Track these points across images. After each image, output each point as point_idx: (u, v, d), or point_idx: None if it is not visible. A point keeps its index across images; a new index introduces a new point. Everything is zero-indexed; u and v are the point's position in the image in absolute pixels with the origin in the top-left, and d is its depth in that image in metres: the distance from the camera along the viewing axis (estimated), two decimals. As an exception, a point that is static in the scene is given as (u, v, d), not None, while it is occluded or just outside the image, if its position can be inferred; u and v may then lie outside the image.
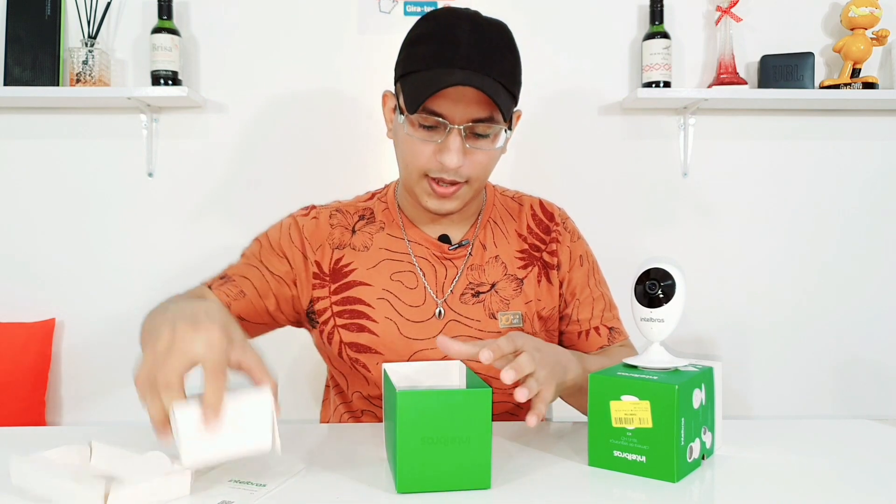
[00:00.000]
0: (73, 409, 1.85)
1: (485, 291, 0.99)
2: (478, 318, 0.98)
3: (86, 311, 1.84)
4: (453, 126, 0.88)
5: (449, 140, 0.88)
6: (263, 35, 1.84)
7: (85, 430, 0.80)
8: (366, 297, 0.98)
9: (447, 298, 0.98)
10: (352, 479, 0.67)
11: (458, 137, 0.88)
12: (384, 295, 0.98)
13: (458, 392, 0.63)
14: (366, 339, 0.97)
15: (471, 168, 0.91)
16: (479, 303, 0.98)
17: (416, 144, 0.91)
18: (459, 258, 1.01)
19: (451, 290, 0.99)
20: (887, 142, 1.89)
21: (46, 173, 1.83)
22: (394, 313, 0.97)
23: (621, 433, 0.68)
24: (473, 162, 0.91)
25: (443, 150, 0.89)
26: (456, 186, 0.92)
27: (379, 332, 0.97)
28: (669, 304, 0.71)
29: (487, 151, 0.92)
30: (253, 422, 0.61)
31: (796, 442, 0.79)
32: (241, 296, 0.98)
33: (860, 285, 1.91)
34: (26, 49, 1.74)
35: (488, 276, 1.00)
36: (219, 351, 0.63)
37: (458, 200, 0.94)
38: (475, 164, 0.91)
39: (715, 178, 1.89)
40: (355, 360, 0.97)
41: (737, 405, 1.90)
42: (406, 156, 0.93)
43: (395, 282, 0.98)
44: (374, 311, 0.97)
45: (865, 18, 1.76)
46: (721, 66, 1.80)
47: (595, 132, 1.88)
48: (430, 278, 0.99)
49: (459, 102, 0.87)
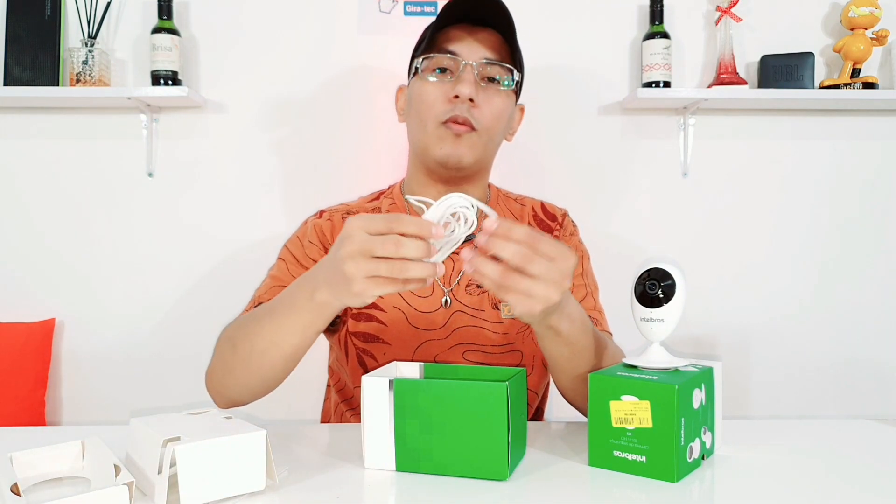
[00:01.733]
0: (73, 409, 1.85)
1: None
2: (482, 307, 0.99)
3: (86, 311, 1.84)
4: (467, 61, 0.95)
5: (463, 73, 0.95)
6: (263, 35, 1.84)
7: (85, 430, 0.80)
8: None
9: (453, 289, 1.00)
10: (352, 479, 0.67)
11: (471, 71, 0.95)
12: None
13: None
14: (374, 329, 0.98)
15: (482, 114, 0.96)
16: (483, 293, 1.00)
17: (430, 91, 0.96)
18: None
19: (457, 280, 1.00)
20: (887, 142, 1.89)
21: (46, 173, 1.83)
22: (402, 303, 0.98)
23: (621, 433, 0.68)
24: (485, 107, 0.96)
25: (457, 83, 0.95)
26: (468, 126, 0.95)
27: (387, 321, 0.98)
28: (669, 304, 0.71)
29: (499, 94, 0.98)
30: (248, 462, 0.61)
31: (796, 442, 0.79)
32: None
33: (860, 285, 1.91)
34: (26, 49, 1.74)
35: None
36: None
37: (469, 149, 0.96)
38: (485, 111, 0.96)
39: (715, 178, 1.89)
40: (363, 349, 0.98)
41: (737, 405, 1.90)
42: (421, 109, 0.97)
43: None
44: (382, 300, 0.98)
45: (865, 18, 1.76)
46: (721, 66, 1.80)
47: (595, 132, 1.88)
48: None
49: (472, 42, 0.95)
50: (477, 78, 0.95)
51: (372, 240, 0.64)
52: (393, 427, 0.68)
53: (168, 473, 0.58)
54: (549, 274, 0.65)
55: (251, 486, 0.62)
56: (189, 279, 1.85)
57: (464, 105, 0.94)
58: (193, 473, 0.58)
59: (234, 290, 1.84)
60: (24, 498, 0.56)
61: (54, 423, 1.82)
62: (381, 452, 0.68)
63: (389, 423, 0.68)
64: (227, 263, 1.85)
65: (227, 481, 0.60)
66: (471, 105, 0.95)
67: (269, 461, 0.64)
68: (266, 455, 0.62)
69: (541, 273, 0.65)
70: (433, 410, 0.66)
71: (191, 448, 0.58)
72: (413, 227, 0.64)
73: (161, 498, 0.58)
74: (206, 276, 1.85)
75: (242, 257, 1.85)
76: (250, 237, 1.86)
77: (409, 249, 0.63)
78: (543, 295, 0.65)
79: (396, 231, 0.64)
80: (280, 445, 0.78)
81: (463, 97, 0.93)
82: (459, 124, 0.95)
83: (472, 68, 0.95)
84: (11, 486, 0.58)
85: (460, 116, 0.94)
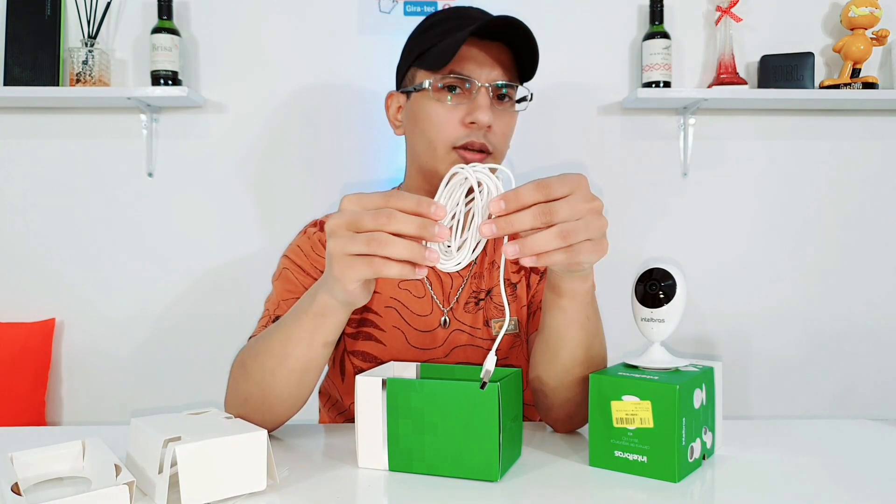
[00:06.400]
0: (73, 409, 1.85)
1: (483, 298, 0.99)
2: (477, 325, 0.97)
3: (86, 311, 1.84)
4: (482, 84, 0.88)
5: (479, 98, 0.88)
6: (263, 35, 1.84)
7: (85, 430, 0.80)
8: (373, 305, 0.97)
9: (452, 307, 0.98)
10: (352, 479, 0.67)
11: (487, 95, 0.88)
12: (392, 304, 0.97)
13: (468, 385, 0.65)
14: (372, 348, 0.96)
15: (495, 136, 0.90)
16: (479, 310, 0.98)
17: (441, 115, 0.89)
18: (465, 270, 1.00)
19: (456, 298, 0.98)
20: (887, 142, 1.89)
21: (46, 173, 1.83)
22: (402, 322, 0.96)
23: (622, 433, 0.68)
24: (498, 129, 0.90)
25: (473, 109, 0.88)
26: (483, 155, 0.89)
27: (386, 341, 0.96)
28: (670, 304, 0.71)
29: (510, 114, 0.93)
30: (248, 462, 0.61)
31: (796, 442, 0.79)
32: None
33: (860, 285, 1.91)
34: (26, 49, 1.74)
35: (486, 282, 1.00)
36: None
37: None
38: (498, 133, 0.91)
39: (715, 178, 1.89)
40: (359, 368, 0.96)
41: (737, 405, 1.90)
42: (430, 131, 0.90)
43: (403, 290, 0.98)
44: (381, 319, 0.96)
45: (865, 18, 1.76)
46: (721, 66, 1.80)
47: (595, 132, 1.88)
48: (436, 288, 0.99)
49: (486, 60, 0.89)
50: (492, 100, 0.89)
51: (361, 213, 0.59)
52: (386, 427, 0.68)
53: (169, 473, 0.58)
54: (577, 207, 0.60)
55: (252, 486, 0.62)
56: (189, 279, 1.85)
57: (480, 132, 0.88)
58: (194, 473, 0.58)
59: (233, 290, 1.84)
60: (24, 498, 0.56)
61: (54, 423, 1.82)
62: (374, 452, 0.68)
63: (382, 423, 0.68)
64: (226, 263, 1.85)
65: (228, 481, 0.60)
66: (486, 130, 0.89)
67: (270, 461, 0.64)
68: (267, 455, 0.62)
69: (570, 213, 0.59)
70: (426, 410, 0.66)
71: (191, 448, 0.58)
72: (410, 203, 0.58)
73: (161, 498, 0.58)
74: (205, 275, 1.85)
75: (242, 256, 1.85)
76: (250, 237, 1.86)
77: (401, 223, 0.57)
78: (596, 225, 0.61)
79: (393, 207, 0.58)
80: (280, 445, 0.78)
81: (481, 125, 0.87)
82: (476, 153, 0.89)
83: (488, 91, 0.88)
84: (12, 486, 0.58)
85: (476, 143, 0.88)
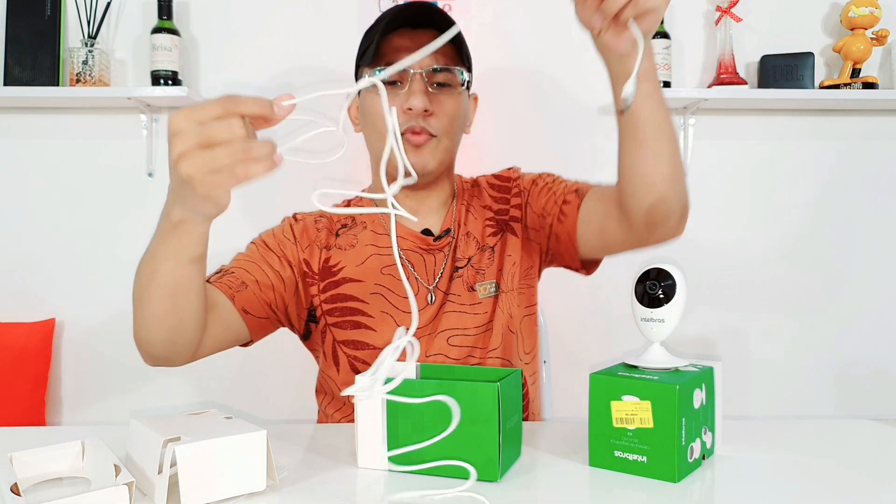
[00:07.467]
0: (73, 409, 1.85)
1: (462, 266, 1.02)
2: (459, 292, 1.00)
3: (86, 311, 1.84)
4: (416, 72, 0.94)
5: (413, 85, 0.94)
6: (263, 35, 1.84)
7: (85, 430, 0.80)
8: (358, 294, 0.99)
9: (437, 283, 1.00)
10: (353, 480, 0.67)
11: (421, 81, 0.94)
12: (377, 290, 0.99)
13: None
14: (363, 336, 0.98)
15: (438, 120, 0.96)
16: (458, 278, 1.01)
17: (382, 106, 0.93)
18: (444, 247, 1.03)
19: (440, 274, 1.01)
20: (887, 142, 1.89)
21: (46, 173, 1.83)
22: (389, 307, 0.98)
23: (622, 433, 0.68)
24: (439, 113, 0.96)
25: (408, 95, 0.94)
26: (426, 136, 0.95)
27: (376, 327, 0.97)
28: (670, 304, 0.71)
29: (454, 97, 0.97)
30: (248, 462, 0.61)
31: (796, 442, 0.79)
32: (244, 287, 0.96)
33: (860, 285, 1.91)
34: (26, 49, 1.74)
35: (463, 252, 1.03)
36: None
37: (431, 155, 0.97)
38: (441, 116, 0.96)
39: (715, 178, 1.89)
40: (353, 356, 0.98)
41: (737, 405, 1.90)
42: (377, 122, 0.96)
43: (387, 275, 1.00)
44: (368, 306, 0.98)
45: (865, 18, 1.76)
46: (721, 66, 1.80)
47: (595, 132, 1.88)
48: (419, 269, 1.01)
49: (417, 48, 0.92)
50: (427, 85, 0.95)
51: (205, 128, 0.58)
52: (386, 427, 0.68)
53: (168, 473, 0.58)
54: None
55: (252, 487, 0.62)
56: (189, 279, 1.84)
57: (419, 117, 0.94)
58: (194, 473, 0.58)
59: (234, 290, 1.84)
60: (24, 498, 0.56)
61: (54, 423, 1.82)
62: (374, 452, 0.69)
63: (382, 423, 0.68)
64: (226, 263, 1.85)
65: (228, 481, 0.60)
66: (425, 115, 0.95)
67: (270, 461, 0.63)
68: (266, 455, 0.62)
69: None
70: (426, 410, 0.66)
71: (191, 448, 0.58)
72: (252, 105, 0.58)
73: (161, 498, 0.58)
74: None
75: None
76: (250, 237, 1.85)
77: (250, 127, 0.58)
78: None
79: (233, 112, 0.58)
80: (280, 445, 0.78)
81: (416, 110, 0.93)
82: (417, 134, 0.95)
83: (422, 77, 0.95)
84: (11, 486, 0.58)
85: (416, 127, 0.94)
